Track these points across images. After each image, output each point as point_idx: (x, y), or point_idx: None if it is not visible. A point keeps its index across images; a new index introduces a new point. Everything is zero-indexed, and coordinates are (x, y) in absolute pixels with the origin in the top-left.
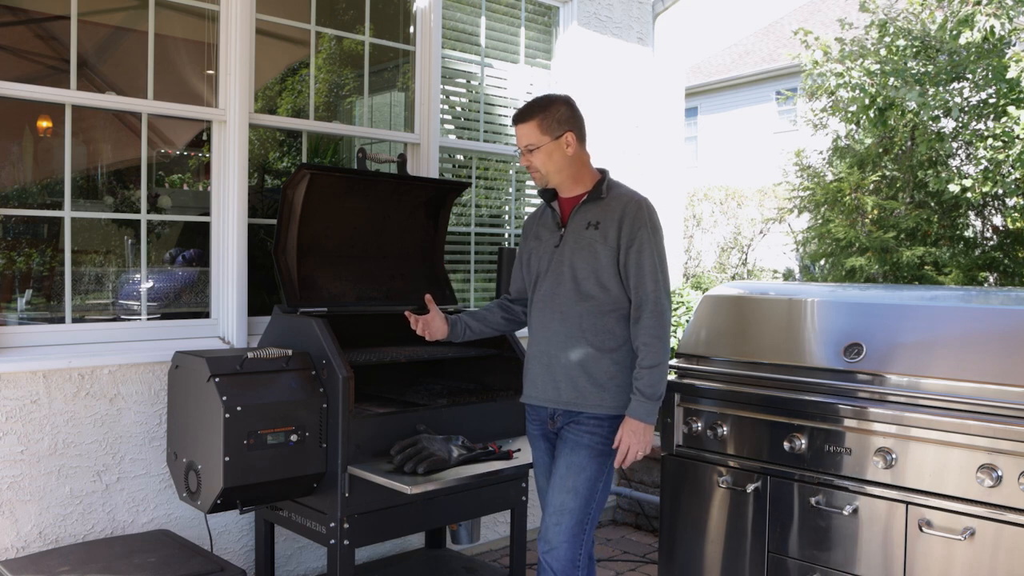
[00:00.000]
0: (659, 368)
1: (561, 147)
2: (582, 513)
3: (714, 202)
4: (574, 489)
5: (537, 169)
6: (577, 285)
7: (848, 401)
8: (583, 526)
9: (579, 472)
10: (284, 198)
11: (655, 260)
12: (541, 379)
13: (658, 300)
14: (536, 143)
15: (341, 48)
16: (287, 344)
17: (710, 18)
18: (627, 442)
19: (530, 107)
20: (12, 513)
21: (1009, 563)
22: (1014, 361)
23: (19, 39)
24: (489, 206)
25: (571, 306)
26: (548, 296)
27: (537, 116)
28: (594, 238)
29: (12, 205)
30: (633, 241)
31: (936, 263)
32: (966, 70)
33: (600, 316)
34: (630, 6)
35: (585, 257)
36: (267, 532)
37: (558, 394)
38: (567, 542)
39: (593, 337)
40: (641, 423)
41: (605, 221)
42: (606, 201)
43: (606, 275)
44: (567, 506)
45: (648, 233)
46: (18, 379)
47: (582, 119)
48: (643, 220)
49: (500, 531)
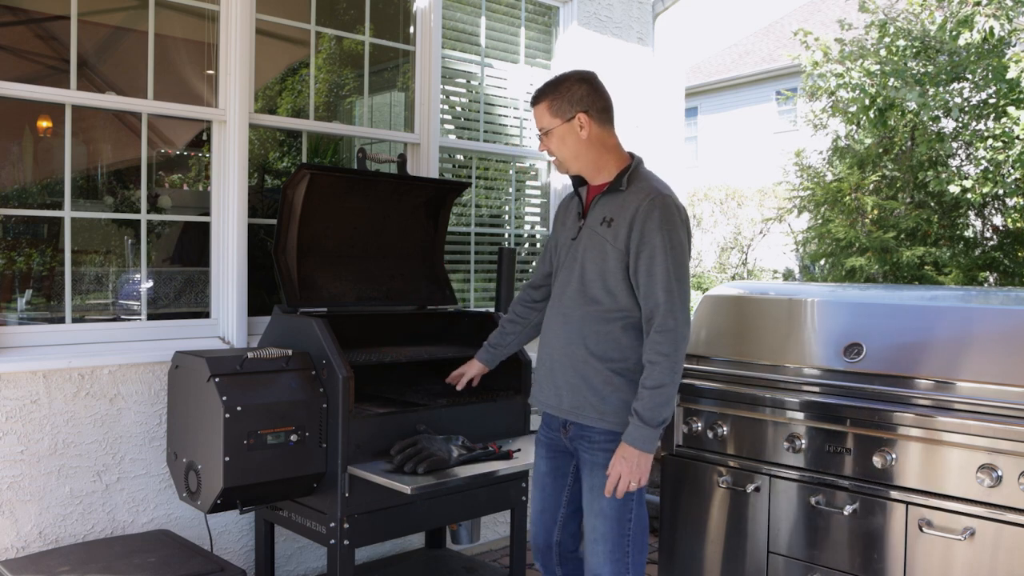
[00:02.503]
0: (663, 390)
1: (574, 130)
2: (617, 535)
3: (714, 202)
4: (602, 512)
5: (553, 153)
6: (583, 286)
7: (848, 401)
8: (624, 549)
9: (602, 495)
10: (284, 198)
11: (669, 268)
12: (545, 384)
13: (668, 314)
14: (547, 126)
15: (341, 48)
16: (287, 344)
17: (710, 18)
18: (617, 470)
19: (543, 86)
20: (12, 513)
21: (1009, 563)
22: (1014, 361)
23: (19, 39)
24: (489, 206)
25: (575, 308)
26: (558, 294)
27: (548, 96)
28: (605, 237)
29: (12, 205)
30: (644, 246)
31: (936, 263)
32: (966, 70)
33: (604, 323)
34: (630, 6)
35: (594, 257)
36: (267, 532)
37: (560, 401)
38: (607, 564)
39: (594, 345)
40: (635, 450)
41: (619, 219)
42: (625, 195)
43: (613, 279)
44: (599, 530)
45: (663, 237)
46: (18, 379)
47: (605, 98)
48: (657, 222)
49: (500, 531)
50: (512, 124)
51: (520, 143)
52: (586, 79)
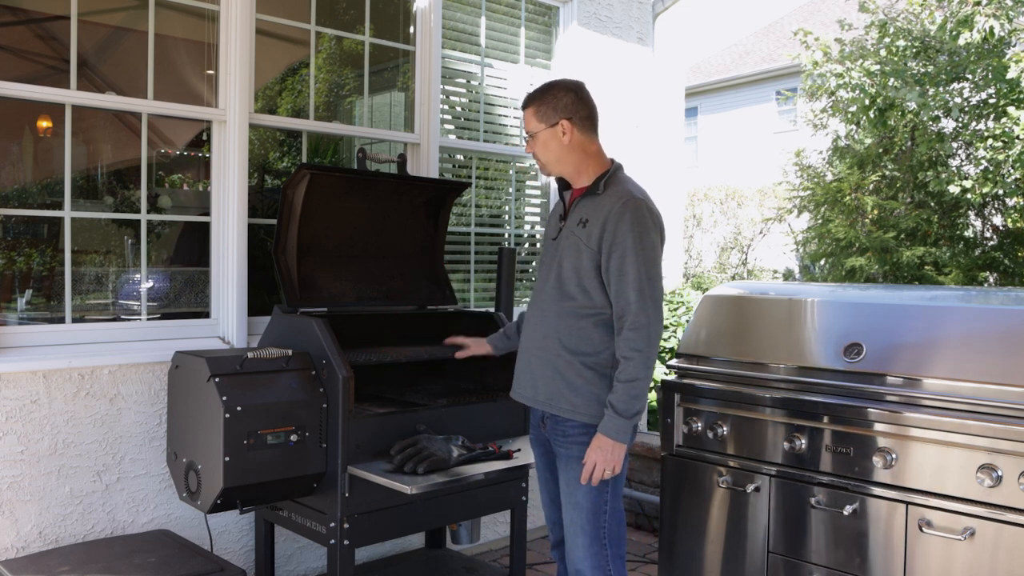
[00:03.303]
0: (636, 384)
1: (557, 135)
2: (593, 528)
3: (714, 202)
4: (577, 505)
5: (537, 157)
6: (560, 284)
7: (848, 401)
8: (600, 542)
9: (577, 486)
10: (284, 198)
11: (640, 268)
12: (523, 376)
13: (640, 312)
14: (533, 130)
15: (341, 48)
16: (287, 344)
17: (710, 18)
18: (592, 458)
19: (533, 92)
20: (12, 513)
21: (1009, 563)
22: (1014, 361)
23: (19, 39)
24: (489, 206)
25: (551, 304)
26: (537, 291)
27: (535, 102)
28: (580, 237)
29: (12, 205)
30: (616, 246)
31: (936, 263)
32: (966, 70)
33: (577, 319)
34: (630, 6)
35: (571, 256)
36: (267, 532)
37: (535, 392)
38: (587, 559)
39: (567, 339)
40: (609, 440)
41: (592, 221)
42: (600, 198)
43: (587, 278)
44: (576, 523)
45: (633, 239)
46: (18, 379)
47: (590, 107)
48: (628, 224)
49: (500, 531)
50: (512, 124)
51: (520, 143)
52: (572, 88)
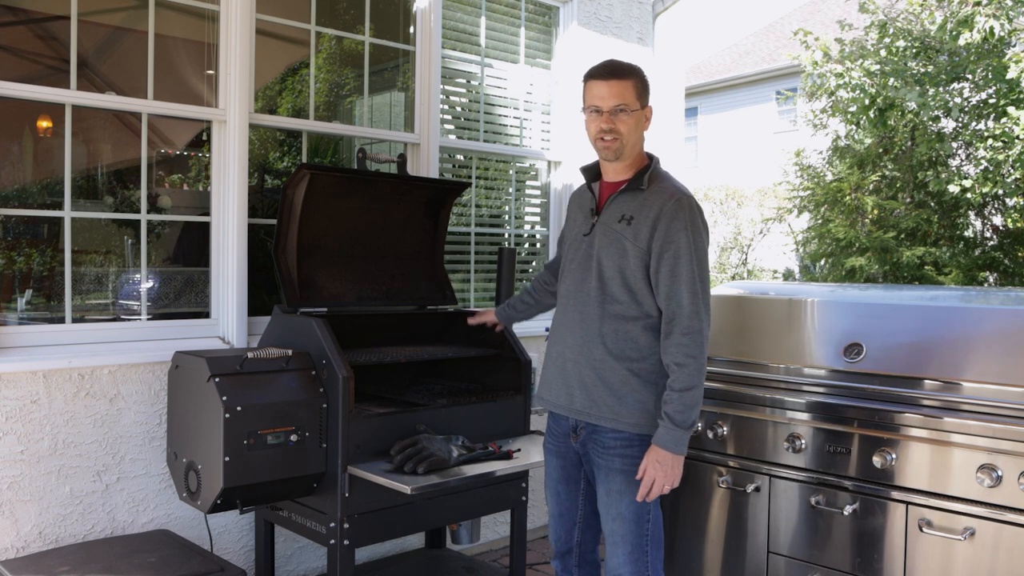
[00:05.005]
0: (692, 392)
1: (643, 118)
2: (636, 536)
3: (714, 202)
4: (620, 516)
5: (620, 134)
6: (603, 284)
7: (848, 401)
8: (642, 549)
9: (620, 498)
10: (284, 198)
11: (693, 270)
12: (555, 383)
13: (694, 316)
14: (631, 105)
15: (341, 48)
16: (287, 344)
17: (710, 18)
18: (652, 474)
19: (625, 66)
20: (12, 513)
21: (1009, 563)
22: (1014, 361)
23: (19, 39)
24: (489, 206)
25: (593, 307)
26: (572, 291)
27: (635, 77)
28: (624, 235)
29: (12, 205)
30: (668, 246)
31: (936, 263)
32: (966, 70)
33: (624, 322)
34: (630, 6)
35: (612, 255)
36: (267, 532)
37: (571, 401)
38: (628, 565)
39: (612, 344)
40: (669, 453)
41: (639, 218)
42: (645, 194)
43: (633, 279)
44: (619, 533)
45: (687, 238)
46: (18, 379)
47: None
48: (682, 223)
49: (500, 531)
50: (512, 124)
51: (520, 143)
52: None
